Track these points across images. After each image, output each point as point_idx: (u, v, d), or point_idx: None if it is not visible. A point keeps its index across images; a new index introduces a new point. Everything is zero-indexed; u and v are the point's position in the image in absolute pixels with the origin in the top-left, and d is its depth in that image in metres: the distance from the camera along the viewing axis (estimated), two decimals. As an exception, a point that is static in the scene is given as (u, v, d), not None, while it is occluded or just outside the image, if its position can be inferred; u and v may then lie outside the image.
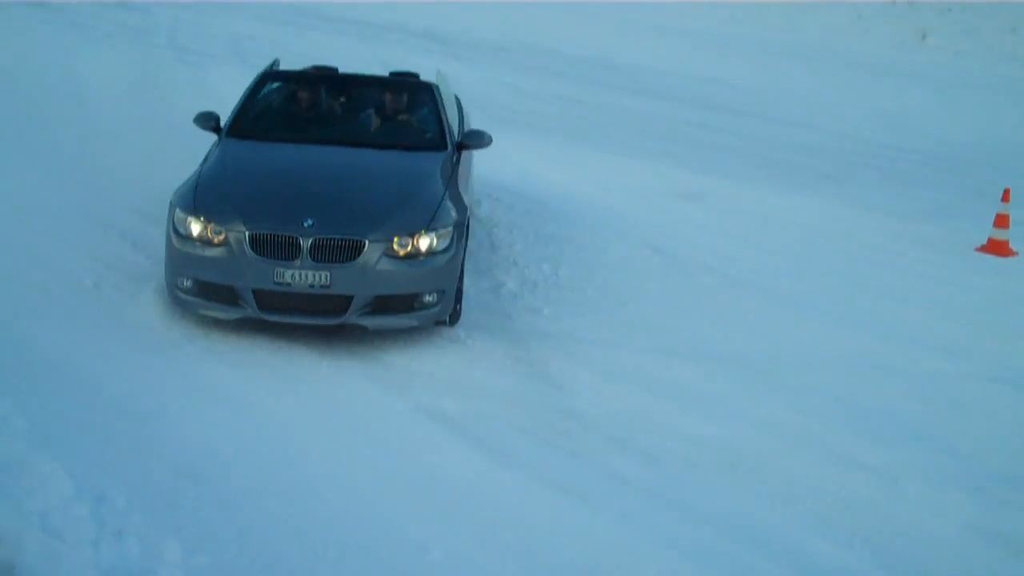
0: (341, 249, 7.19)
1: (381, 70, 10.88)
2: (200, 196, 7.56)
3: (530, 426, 6.55)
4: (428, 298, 7.39)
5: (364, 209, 7.48)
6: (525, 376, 7.21)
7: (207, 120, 8.71)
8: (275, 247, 7.18)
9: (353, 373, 7.03)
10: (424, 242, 7.35)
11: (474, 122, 13.02)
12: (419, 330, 7.71)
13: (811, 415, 6.99)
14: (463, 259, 7.86)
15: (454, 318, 7.82)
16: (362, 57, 11.77)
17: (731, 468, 6.29)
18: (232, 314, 7.34)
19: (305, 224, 7.18)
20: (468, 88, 14.80)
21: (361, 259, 7.18)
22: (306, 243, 7.14)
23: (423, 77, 10.15)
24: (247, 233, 7.21)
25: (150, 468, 5.67)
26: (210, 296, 7.34)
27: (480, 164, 11.77)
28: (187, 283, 7.37)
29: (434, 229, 7.42)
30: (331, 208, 7.42)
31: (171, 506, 5.34)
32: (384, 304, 7.30)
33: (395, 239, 7.28)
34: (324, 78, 9.64)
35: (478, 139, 8.90)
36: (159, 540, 4.95)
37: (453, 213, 7.70)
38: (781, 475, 6.24)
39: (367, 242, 7.21)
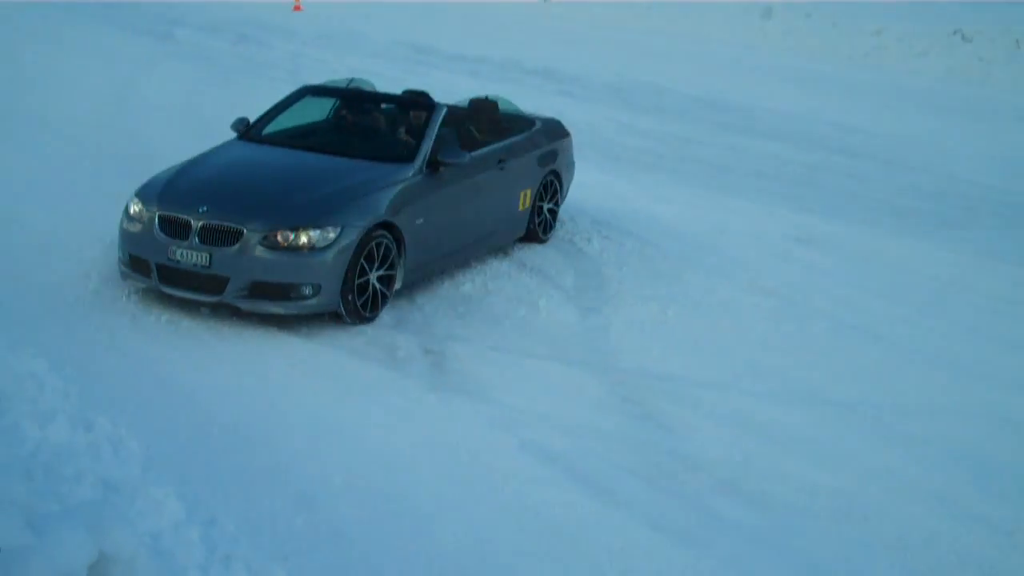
0: (223, 234, 7.85)
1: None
2: (150, 183, 8.51)
3: (637, 467, 6.48)
4: (305, 290, 7.82)
5: (257, 201, 8.10)
6: (632, 416, 7.16)
7: (238, 125, 9.64)
8: (174, 227, 7.95)
9: (461, 408, 7.02)
10: (304, 237, 7.79)
11: (588, 158, 13.14)
12: (526, 368, 7.71)
13: (928, 465, 6.82)
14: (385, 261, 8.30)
15: (353, 315, 8.10)
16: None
17: (843, 517, 6.16)
18: (145, 284, 8.17)
19: (199, 210, 7.93)
20: (581, 125, 14.91)
21: (239, 245, 7.77)
22: (196, 225, 7.88)
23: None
24: (157, 213, 8.04)
25: (260, 495, 5.73)
26: (134, 268, 8.18)
27: (591, 199, 11.84)
28: (125, 256, 8.25)
29: (318, 227, 7.83)
30: (228, 198, 8.12)
31: (280, 534, 5.40)
32: (261, 289, 7.80)
33: (278, 231, 7.77)
34: (346, 93, 10.11)
35: (453, 157, 8.97)
36: (267, 567, 5.00)
37: (352, 215, 8.02)
38: (894, 526, 6.10)
39: (246, 230, 7.77)
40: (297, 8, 31.45)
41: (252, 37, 22.95)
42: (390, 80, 14.42)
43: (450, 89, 14.46)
